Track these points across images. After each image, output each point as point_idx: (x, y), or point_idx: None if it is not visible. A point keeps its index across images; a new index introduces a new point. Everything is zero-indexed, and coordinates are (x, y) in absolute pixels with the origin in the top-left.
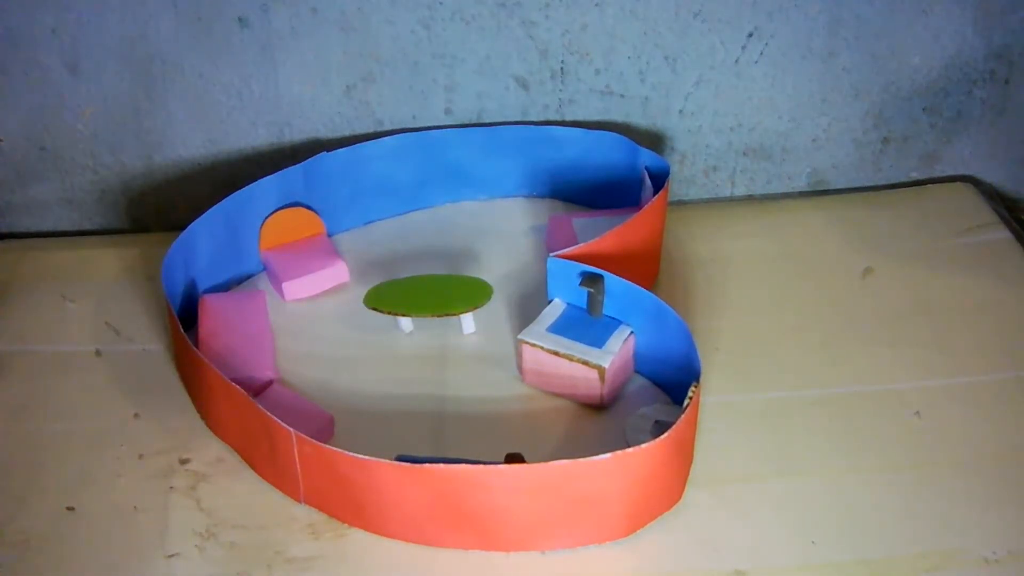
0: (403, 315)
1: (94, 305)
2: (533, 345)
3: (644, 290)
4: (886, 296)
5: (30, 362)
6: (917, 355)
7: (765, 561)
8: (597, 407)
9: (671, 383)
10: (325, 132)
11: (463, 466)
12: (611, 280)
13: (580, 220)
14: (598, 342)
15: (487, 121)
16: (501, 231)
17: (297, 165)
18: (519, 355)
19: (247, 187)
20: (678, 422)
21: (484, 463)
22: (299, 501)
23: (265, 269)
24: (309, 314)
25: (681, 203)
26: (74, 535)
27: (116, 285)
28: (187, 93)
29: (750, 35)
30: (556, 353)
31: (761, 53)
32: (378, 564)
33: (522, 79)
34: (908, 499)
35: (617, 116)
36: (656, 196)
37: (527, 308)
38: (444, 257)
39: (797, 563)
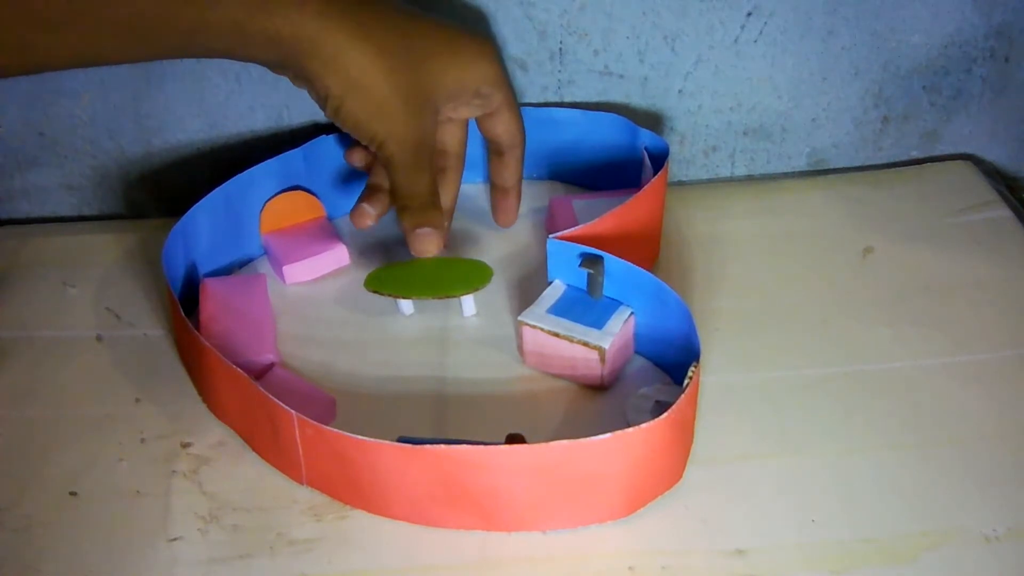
0: (403, 298)
1: (94, 290)
2: (533, 327)
3: (644, 271)
4: (886, 275)
5: (31, 348)
6: (918, 333)
7: (766, 540)
8: (597, 388)
9: (671, 363)
10: (324, 116)
11: (464, 447)
12: (611, 261)
13: (580, 201)
14: (598, 323)
15: None
16: None
17: (297, 148)
18: (519, 337)
19: (247, 171)
20: (678, 402)
21: (485, 444)
22: (301, 483)
23: (266, 253)
24: (310, 297)
25: (681, 184)
26: (76, 519)
27: (116, 270)
28: (185, 77)
29: (749, 14)
30: (556, 334)
31: (760, 32)
32: (380, 545)
33: (520, 60)
34: (908, 477)
35: (616, 97)
36: (656, 177)
37: (527, 290)
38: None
39: (798, 541)
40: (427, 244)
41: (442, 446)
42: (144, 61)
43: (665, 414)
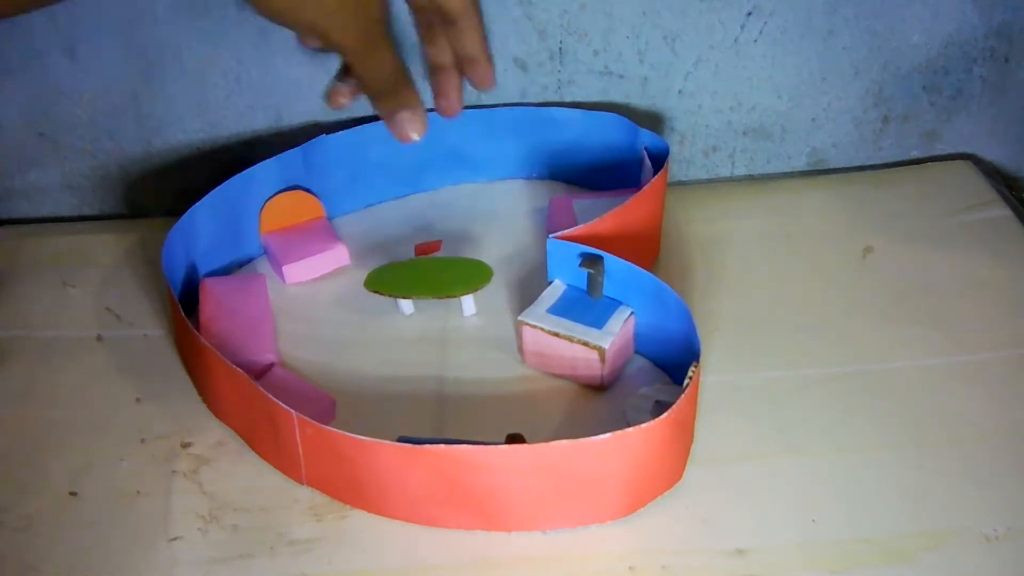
0: (403, 297)
1: (94, 290)
2: (533, 326)
3: (644, 271)
4: (886, 275)
5: (31, 348)
6: (917, 333)
7: (766, 540)
8: (597, 388)
9: (671, 363)
10: (323, 115)
11: (464, 447)
12: (611, 261)
13: (580, 201)
14: (598, 323)
15: (486, 103)
16: (501, 213)
17: (296, 148)
18: (519, 336)
19: (246, 171)
20: (678, 401)
21: (485, 444)
22: (301, 483)
23: (265, 253)
24: (310, 297)
25: (681, 184)
26: (77, 520)
27: (116, 270)
28: (185, 77)
29: (749, 14)
30: (556, 334)
31: (760, 32)
32: (380, 545)
33: (520, 60)
34: (908, 477)
35: (616, 97)
36: (655, 177)
37: (527, 290)
38: (444, 239)
39: (798, 541)
40: (408, 128)
41: (442, 446)
42: None
43: (665, 414)
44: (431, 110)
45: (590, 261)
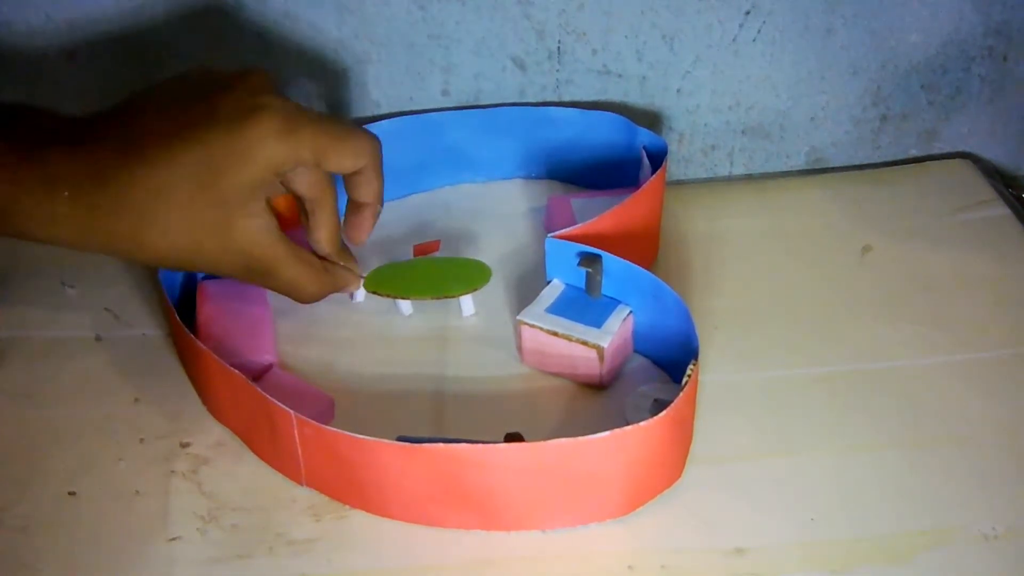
0: (402, 298)
1: (93, 291)
2: (532, 326)
3: (643, 269)
4: (885, 273)
5: (29, 348)
6: (917, 332)
7: (765, 539)
8: (596, 387)
9: (670, 362)
10: None
11: (463, 446)
12: (609, 260)
13: (579, 200)
14: (597, 322)
15: (485, 103)
16: (499, 213)
17: None
18: (518, 336)
19: None
20: (677, 400)
21: (484, 443)
22: (300, 483)
23: None
24: None
25: (679, 183)
26: (75, 520)
27: (115, 270)
28: None
29: (747, 13)
30: (555, 333)
31: (759, 31)
32: (379, 545)
33: (519, 59)
34: (907, 476)
35: (615, 96)
36: (654, 176)
37: (526, 289)
38: (443, 239)
39: (797, 540)
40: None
41: (441, 445)
42: None
43: (664, 412)
44: (432, 110)
45: (588, 260)
